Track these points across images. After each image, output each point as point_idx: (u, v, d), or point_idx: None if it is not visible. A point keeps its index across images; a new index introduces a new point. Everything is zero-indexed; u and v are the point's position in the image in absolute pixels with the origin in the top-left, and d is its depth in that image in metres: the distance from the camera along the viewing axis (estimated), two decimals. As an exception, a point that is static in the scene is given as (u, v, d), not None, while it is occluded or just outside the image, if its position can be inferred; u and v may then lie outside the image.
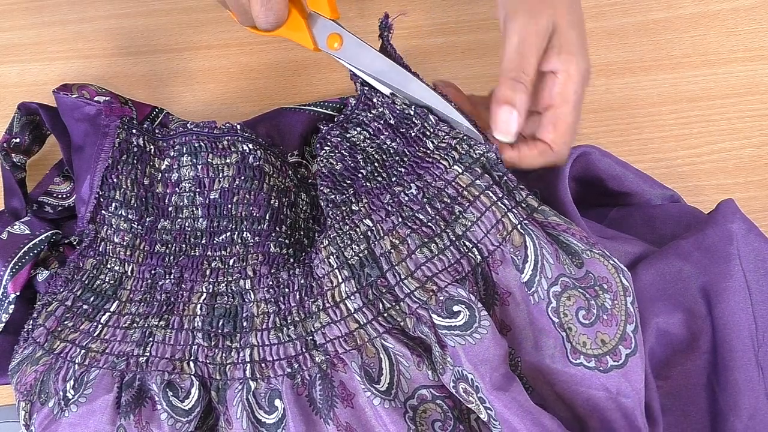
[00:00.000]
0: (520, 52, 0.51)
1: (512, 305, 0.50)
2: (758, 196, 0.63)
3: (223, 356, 0.51)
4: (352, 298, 0.51)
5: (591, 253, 0.49)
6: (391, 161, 0.54)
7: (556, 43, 0.51)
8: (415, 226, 0.51)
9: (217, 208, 0.56)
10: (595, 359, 0.48)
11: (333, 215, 0.53)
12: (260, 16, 0.51)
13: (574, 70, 0.52)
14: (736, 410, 0.50)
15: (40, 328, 0.54)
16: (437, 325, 0.49)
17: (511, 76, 0.51)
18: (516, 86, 0.51)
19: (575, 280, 0.49)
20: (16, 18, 0.68)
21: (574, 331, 0.49)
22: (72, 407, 0.50)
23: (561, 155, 0.53)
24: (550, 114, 0.52)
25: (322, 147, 0.56)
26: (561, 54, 0.51)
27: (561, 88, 0.52)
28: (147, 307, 0.54)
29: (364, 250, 0.52)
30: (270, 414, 0.50)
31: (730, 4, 0.67)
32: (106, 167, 0.56)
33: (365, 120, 0.56)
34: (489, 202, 0.51)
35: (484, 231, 0.50)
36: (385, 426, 0.48)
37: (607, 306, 0.49)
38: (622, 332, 0.48)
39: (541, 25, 0.51)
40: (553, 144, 0.53)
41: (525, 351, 0.50)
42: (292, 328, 0.51)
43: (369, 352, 0.50)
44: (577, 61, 0.52)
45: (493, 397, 0.47)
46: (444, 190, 0.52)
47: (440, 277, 0.50)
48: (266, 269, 0.53)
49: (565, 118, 0.52)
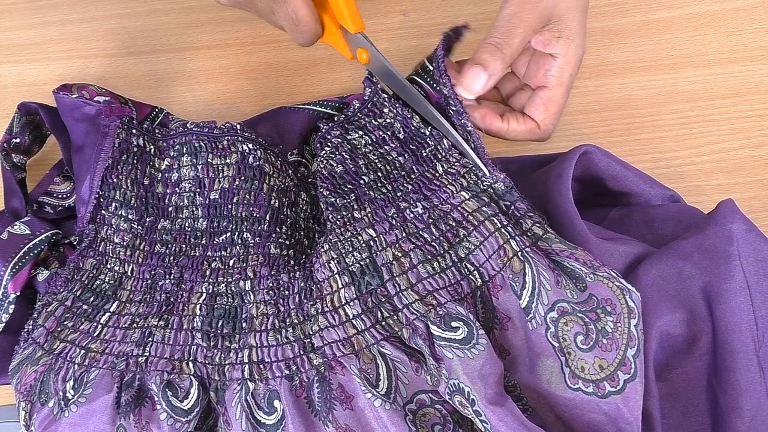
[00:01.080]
0: (511, 23, 0.52)
1: (511, 330, 0.50)
2: (758, 196, 0.63)
3: (222, 357, 0.51)
4: (351, 305, 0.51)
5: (595, 276, 0.49)
6: (397, 175, 0.54)
7: (557, 27, 0.52)
8: (419, 243, 0.51)
9: (217, 209, 0.56)
10: (593, 384, 0.48)
11: (333, 218, 0.53)
12: (295, 39, 0.53)
13: (572, 55, 0.53)
14: (737, 411, 0.50)
15: (40, 328, 0.54)
16: (436, 337, 0.48)
17: (492, 42, 0.52)
18: (495, 53, 0.52)
19: (576, 304, 0.49)
20: (16, 18, 0.68)
21: (573, 355, 0.49)
22: (72, 407, 0.50)
23: (547, 134, 0.55)
24: (543, 94, 0.54)
25: (322, 147, 0.56)
26: (561, 38, 0.52)
27: (558, 72, 0.53)
28: (147, 307, 0.54)
29: (365, 258, 0.52)
30: (269, 415, 0.50)
31: (730, 4, 0.67)
32: (106, 167, 0.56)
33: (368, 126, 0.56)
34: (493, 228, 0.51)
35: (486, 255, 0.51)
36: (386, 428, 0.48)
37: (608, 330, 0.48)
38: (622, 357, 0.48)
39: (540, 5, 0.52)
40: (542, 123, 0.54)
41: (523, 375, 0.50)
42: (290, 330, 0.51)
43: (366, 358, 0.50)
44: (576, 45, 0.53)
45: (489, 411, 0.47)
46: (450, 213, 0.52)
47: (440, 293, 0.50)
48: (266, 270, 0.53)
49: (558, 99, 0.54)
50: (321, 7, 0.53)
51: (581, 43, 0.54)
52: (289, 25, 0.52)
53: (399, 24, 0.67)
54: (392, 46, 0.67)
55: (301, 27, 0.52)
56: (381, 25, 0.67)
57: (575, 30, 0.53)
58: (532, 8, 0.52)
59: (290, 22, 0.52)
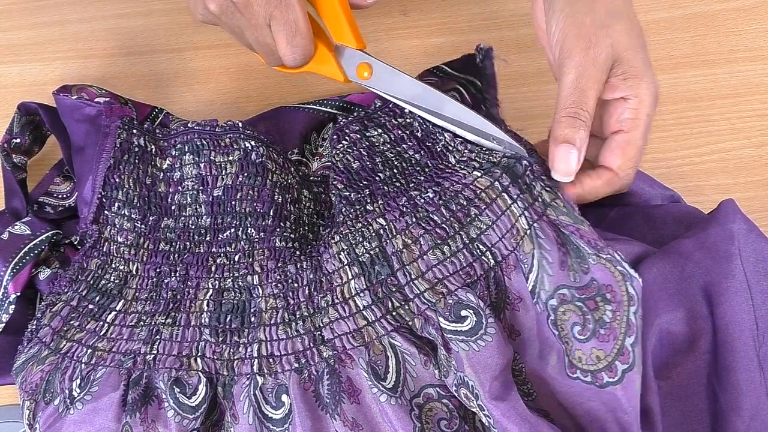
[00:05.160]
0: (579, 87, 0.49)
1: (522, 311, 0.50)
2: (758, 196, 0.63)
3: (231, 352, 0.51)
4: (362, 295, 0.51)
5: (597, 258, 0.48)
6: (411, 170, 0.54)
7: (620, 70, 0.50)
8: (429, 227, 0.51)
9: (220, 205, 0.56)
10: (591, 375, 0.48)
11: (346, 212, 0.53)
12: (287, 54, 0.52)
13: (645, 94, 0.50)
14: (737, 411, 0.50)
15: (46, 328, 0.54)
16: (443, 329, 0.49)
17: (569, 113, 0.49)
18: (575, 123, 0.49)
19: (576, 290, 0.49)
20: (16, 18, 0.68)
21: (571, 345, 0.49)
22: (77, 405, 0.50)
23: (628, 181, 0.51)
24: (619, 139, 0.50)
25: (339, 140, 0.56)
26: (627, 80, 0.49)
27: (633, 114, 0.50)
28: (153, 305, 0.54)
29: (375, 247, 0.52)
30: (277, 409, 0.50)
31: (730, 4, 0.67)
32: (108, 167, 0.56)
33: (388, 124, 0.56)
34: (504, 206, 0.51)
35: (499, 235, 0.50)
36: (391, 423, 0.49)
37: (606, 320, 0.48)
38: (620, 346, 0.48)
39: (600, 58, 0.49)
40: (620, 170, 0.50)
41: (530, 358, 0.50)
42: (300, 323, 0.51)
43: (376, 350, 0.50)
44: (646, 83, 0.50)
45: (492, 405, 0.47)
46: (461, 192, 0.52)
47: (450, 280, 0.50)
48: (273, 264, 0.54)
49: (635, 142, 0.50)
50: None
51: (652, 80, 0.50)
52: (286, 36, 0.51)
53: (399, 24, 0.67)
54: (392, 46, 0.67)
55: (298, 39, 0.51)
56: (381, 25, 0.67)
57: (641, 68, 0.50)
58: (593, 63, 0.49)
59: (288, 32, 0.51)
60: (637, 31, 0.51)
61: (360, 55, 0.54)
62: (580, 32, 0.50)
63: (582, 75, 0.49)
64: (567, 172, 0.50)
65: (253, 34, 0.52)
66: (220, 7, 0.52)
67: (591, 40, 0.49)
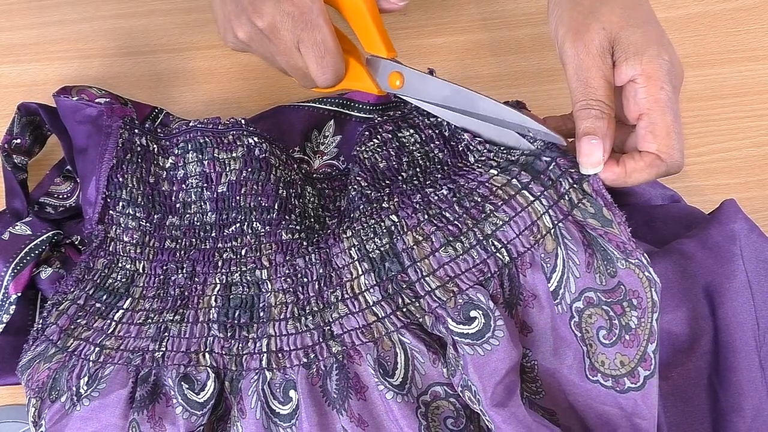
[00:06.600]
0: (581, 79, 0.49)
1: (536, 308, 0.50)
2: (758, 196, 0.63)
3: (240, 347, 0.51)
4: (371, 291, 0.51)
5: (626, 263, 0.48)
6: (432, 168, 0.55)
7: (618, 51, 0.49)
8: (440, 224, 0.51)
9: (225, 201, 0.56)
10: (613, 379, 0.48)
11: (363, 209, 0.53)
12: (318, 75, 0.52)
13: (651, 69, 0.48)
14: (738, 410, 0.50)
15: (53, 326, 0.54)
16: (451, 331, 0.49)
17: (581, 107, 0.49)
18: (589, 114, 0.49)
19: (603, 293, 0.49)
20: (16, 18, 0.68)
21: (594, 348, 0.49)
22: (84, 401, 0.50)
23: (674, 163, 0.49)
24: (644, 122, 0.49)
25: (371, 137, 0.56)
26: (628, 59, 0.49)
27: (646, 93, 0.48)
28: (161, 302, 0.54)
29: (386, 244, 0.52)
30: (284, 404, 0.50)
31: (730, 4, 0.67)
32: (111, 167, 0.56)
33: (421, 124, 0.56)
34: (525, 202, 0.50)
35: (517, 231, 0.50)
36: (396, 421, 0.49)
37: (632, 326, 0.48)
38: (643, 352, 0.48)
39: (593, 44, 0.49)
40: (660, 152, 0.49)
41: (543, 356, 0.50)
42: (310, 318, 0.51)
43: (385, 346, 0.50)
44: (649, 57, 0.48)
45: (493, 412, 0.47)
46: (476, 189, 0.52)
47: (462, 278, 0.50)
48: (281, 257, 0.54)
49: (660, 121, 0.48)
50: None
51: (657, 53, 0.48)
52: (316, 57, 0.51)
53: (399, 24, 0.67)
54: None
55: (327, 59, 0.51)
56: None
57: (640, 44, 0.49)
58: (587, 52, 0.49)
59: (317, 53, 0.51)
60: (637, 10, 0.50)
61: (391, 65, 0.54)
62: (570, 24, 0.50)
63: (579, 67, 0.49)
64: (593, 162, 0.49)
65: (284, 58, 0.53)
66: (248, 35, 0.52)
67: (580, 30, 0.49)
